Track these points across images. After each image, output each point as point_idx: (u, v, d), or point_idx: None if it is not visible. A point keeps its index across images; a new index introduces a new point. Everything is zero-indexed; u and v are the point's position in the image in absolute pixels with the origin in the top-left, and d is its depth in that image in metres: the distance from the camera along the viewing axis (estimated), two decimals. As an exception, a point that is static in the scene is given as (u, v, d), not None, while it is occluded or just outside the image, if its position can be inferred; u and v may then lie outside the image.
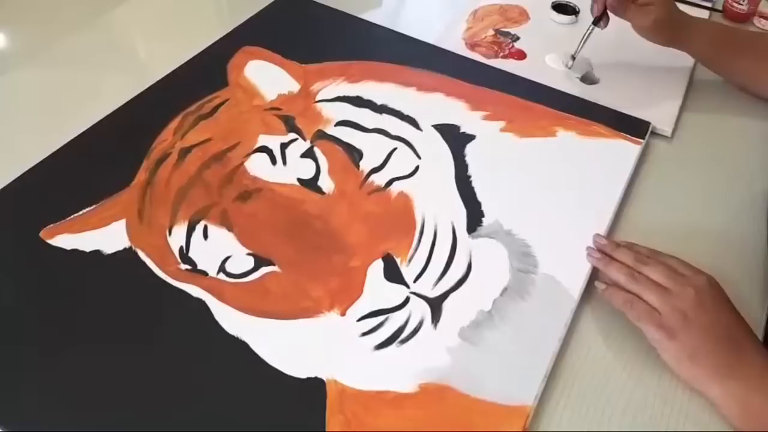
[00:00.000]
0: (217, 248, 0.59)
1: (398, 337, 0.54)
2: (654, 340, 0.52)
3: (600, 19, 0.75)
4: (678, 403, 0.52)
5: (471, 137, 0.71)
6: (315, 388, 0.51)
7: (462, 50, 0.85)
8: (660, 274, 0.54)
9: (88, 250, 0.59)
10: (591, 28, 0.75)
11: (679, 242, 0.61)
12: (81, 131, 0.70)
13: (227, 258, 0.58)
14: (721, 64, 0.77)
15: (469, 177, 0.67)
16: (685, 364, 0.51)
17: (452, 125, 0.72)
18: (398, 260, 0.58)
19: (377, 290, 0.56)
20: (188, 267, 0.58)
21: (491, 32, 0.89)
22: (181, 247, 0.59)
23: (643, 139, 0.72)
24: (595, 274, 0.60)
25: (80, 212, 0.62)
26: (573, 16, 0.91)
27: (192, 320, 0.55)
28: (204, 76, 0.77)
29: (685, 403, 0.52)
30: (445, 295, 0.56)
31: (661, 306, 0.52)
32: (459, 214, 0.63)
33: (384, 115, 0.73)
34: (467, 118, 0.73)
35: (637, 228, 0.65)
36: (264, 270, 0.58)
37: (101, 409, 0.49)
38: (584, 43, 0.75)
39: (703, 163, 0.72)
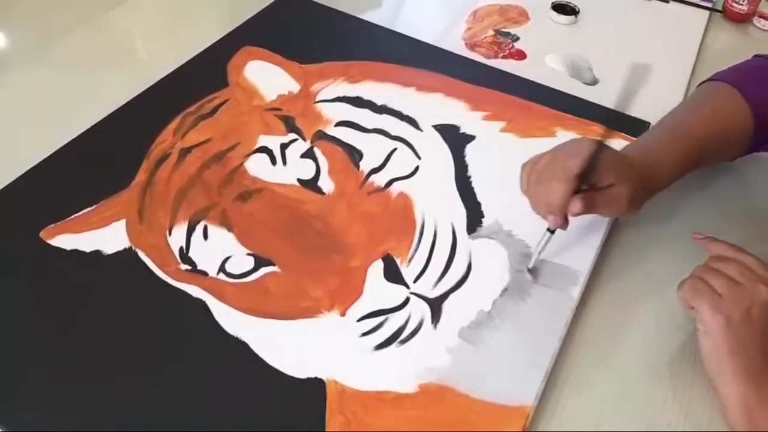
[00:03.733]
0: (217, 248, 0.59)
1: (398, 337, 0.54)
2: (702, 322, 0.50)
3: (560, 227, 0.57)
4: (678, 404, 0.52)
5: (471, 137, 0.71)
6: (315, 388, 0.51)
7: (462, 50, 0.85)
8: (734, 270, 0.51)
9: (88, 250, 0.59)
10: (548, 236, 0.57)
11: (681, 241, 0.61)
12: (81, 131, 0.70)
13: (227, 258, 0.58)
14: (698, 161, 0.62)
15: (469, 177, 0.67)
16: (720, 356, 0.49)
17: (452, 125, 0.72)
18: (398, 260, 0.58)
19: (377, 290, 0.56)
20: (188, 267, 0.58)
21: (491, 32, 0.89)
22: (181, 248, 0.59)
23: (643, 139, 0.72)
24: (594, 275, 0.60)
25: (80, 212, 0.62)
26: (573, 16, 0.91)
27: (192, 320, 0.55)
28: (204, 76, 0.77)
29: (685, 403, 0.52)
30: (445, 296, 0.56)
31: (727, 293, 0.50)
32: (459, 214, 0.63)
33: (384, 115, 0.73)
34: (467, 119, 0.73)
35: (637, 228, 0.65)
36: (264, 270, 0.58)
37: (101, 409, 0.49)
38: (542, 250, 0.58)
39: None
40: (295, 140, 0.69)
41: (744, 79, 0.64)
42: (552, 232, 0.57)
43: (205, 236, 0.60)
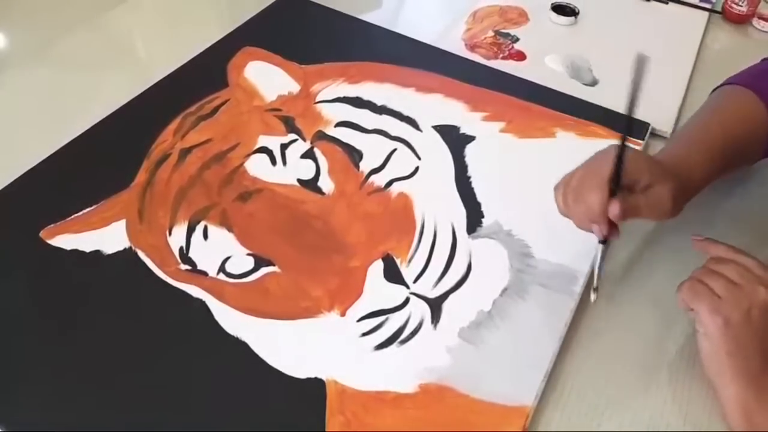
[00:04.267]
0: (217, 248, 0.59)
1: (398, 337, 0.54)
2: (701, 324, 0.50)
3: (609, 236, 0.56)
4: (677, 405, 0.52)
5: (471, 138, 0.71)
6: (315, 388, 0.51)
7: (462, 51, 0.85)
8: (733, 272, 0.51)
9: (88, 250, 0.59)
10: (601, 248, 0.56)
11: (680, 243, 0.61)
12: (81, 131, 0.70)
13: (227, 258, 0.59)
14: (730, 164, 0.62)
15: (469, 177, 0.67)
16: (719, 357, 0.49)
17: (452, 126, 0.72)
18: (398, 261, 0.58)
19: (377, 290, 0.57)
20: (188, 267, 0.58)
21: (491, 33, 0.89)
22: (181, 248, 0.59)
23: (643, 139, 0.72)
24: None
25: (80, 212, 0.62)
26: (572, 17, 0.91)
27: (192, 320, 0.55)
28: (204, 76, 0.77)
29: (684, 404, 0.52)
30: (445, 296, 0.56)
31: (726, 294, 0.50)
32: (459, 214, 0.63)
33: (384, 115, 0.73)
34: (467, 119, 0.73)
35: (636, 229, 0.65)
36: (264, 270, 0.58)
37: (101, 409, 0.49)
38: (602, 264, 0.57)
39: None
40: (295, 140, 0.69)
41: (757, 81, 0.63)
42: (604, 242, 0.56)
43: (205, 236, 0.60)
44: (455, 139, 0.71)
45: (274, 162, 0.67)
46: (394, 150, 0.69)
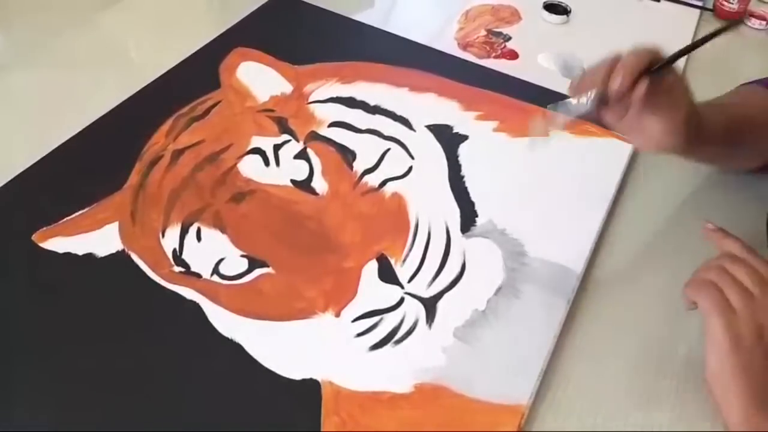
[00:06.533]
0: (211, 250, 0.59)
1: (393, 337, 0.54)
2: (714, 340, 0.47)
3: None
4: (671, 404, 0.52)
5: (464, 137, 0.71)
6: (310, 389, 0.51)
7: (454, 50, 0.85)
8: (746, 276, 0.49)
9: (80, 253, 0.59)
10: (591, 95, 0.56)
11: (674, 243, 0.61)
12: (72, 134, 0.70)
13: (221, 260, 0.58)
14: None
15: (463, 177, 0.67)
16: (725, 378, 0.46)
17: (445, 125, 0.72)
18: (392, 261, 0.58)
19: (372, 291, 0.56)
20: (182, 269, 0.58)
21: (483, 32, 0.89)
22: (175, 250, 0.59)
23: (635, 138, 0.72)
24: (588, 273, 0.60)
25: (73, 215, 0.62)
26: (565, 16, 0.91)
27: (186, 322, 0.55)
28: (196, 77, 0.77)
29: (678, 404, 0.52)
30: (439, 295, 0.56)
31: (741, 310, 0.47)
32: (452, 214, 0.63)
33: (377, 115, 0.73)
34: (460, 118, 0.73)
35: (631, 227, 0.65)
36: (258, 271, 0.58)
37: (95, 412, 0.49)
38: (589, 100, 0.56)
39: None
40: (288, 141, 0.69)
41: None
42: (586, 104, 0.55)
43: (199, 238, 0.60)
44: (448, 139, 0.71)
45: (267, 163, 0.67)
46: (388, 150, 0.69)
